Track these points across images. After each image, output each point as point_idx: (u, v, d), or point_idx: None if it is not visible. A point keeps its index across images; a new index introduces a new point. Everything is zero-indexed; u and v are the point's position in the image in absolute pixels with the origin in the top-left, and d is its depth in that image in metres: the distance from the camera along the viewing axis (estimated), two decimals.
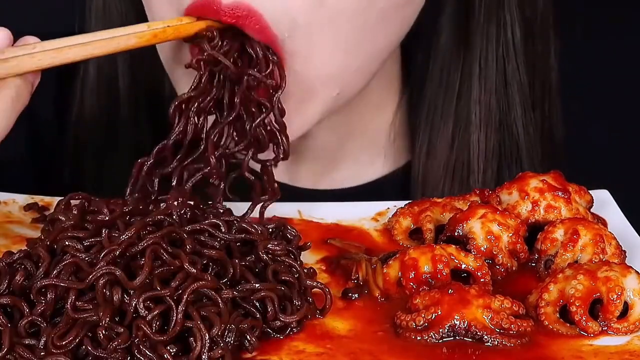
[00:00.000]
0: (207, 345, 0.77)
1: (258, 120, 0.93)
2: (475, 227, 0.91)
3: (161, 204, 0.90)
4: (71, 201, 0.92)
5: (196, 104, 0.91)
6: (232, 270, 0.83)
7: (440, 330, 0.81)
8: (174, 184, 0.92)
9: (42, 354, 0.77)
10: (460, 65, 1.11)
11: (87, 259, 0.81)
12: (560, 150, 1.16)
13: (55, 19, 1.15)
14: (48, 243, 0.84)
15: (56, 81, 1.16)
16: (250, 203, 0.95)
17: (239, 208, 0.95)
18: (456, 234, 0.92)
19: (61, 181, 1.16)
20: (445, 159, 1.13)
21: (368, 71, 1.01)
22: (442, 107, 1.12)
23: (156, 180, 0.92)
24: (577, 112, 1.18)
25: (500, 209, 0.94)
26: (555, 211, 0.94)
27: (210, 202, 0.93)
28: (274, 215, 0.97)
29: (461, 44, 1.10)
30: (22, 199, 0.99)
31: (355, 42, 0.96)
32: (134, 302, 0.78)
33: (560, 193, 0.95)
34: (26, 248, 0.85)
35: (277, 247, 0.86)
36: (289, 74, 0.94)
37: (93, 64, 1.13)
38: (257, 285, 0.82)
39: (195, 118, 0.92)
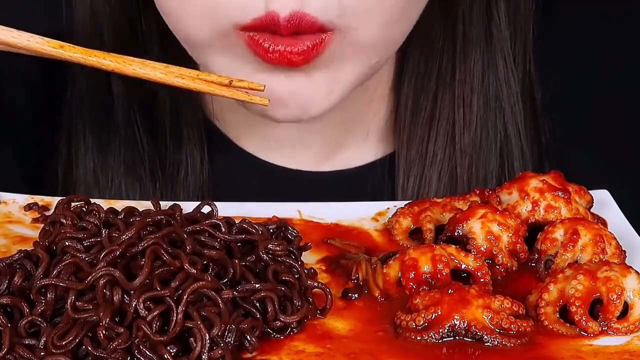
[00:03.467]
0: (207, 345, 0.77)
1: None
2: (475, 227, 0.91)
3: None
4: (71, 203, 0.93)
5: None
6: (232, 271, 0.83)
7: (440, 330, 0.81)
8: None
9: (42, 354, 0.77)
10: (443, 25, 1.12)
11: (87, 259, 0.81)
12: (540, 114, 1.17)
13: (43, 21, 1.14)
14: (47, 244, 0.84)
15: (46, 85, 1.16)
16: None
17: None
18: (456, 234, 0.92)
19: (55, 182, 1.16)
20: (429, 113, 1.14)
21: (400, 41, 1.03)
22: (425, 66, 1.14)
23: None
24: (577, 112, 1.18)
25: (500, 209, 0.94)
26: (555, 211, 0.94)
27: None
28: (274, 216, 0.97)
29: (444, 2, 1.11)
30: (22, 199, 0.99)
31: (399, 16, 0.97)
32: (134, 303, 0.78)
33: (560, 193, 0.95)
34: (26, 248, 0.85)
35: (278, 248, 0.86)
36: (334, 43, 0.94)
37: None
38: (257, 285, 0.82)
39: None
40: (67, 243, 0.84)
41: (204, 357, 0.77)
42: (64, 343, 0.76)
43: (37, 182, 1.16)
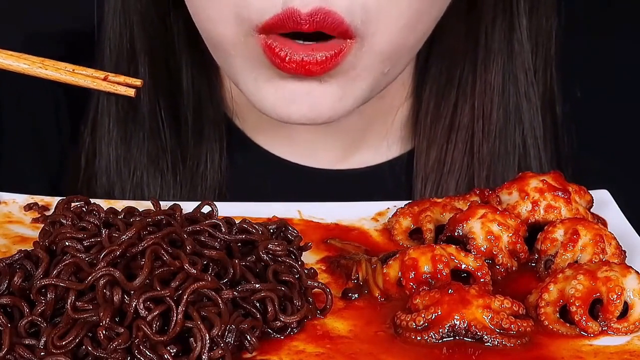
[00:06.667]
0: (207, 345, 0.77)
1: None
2: (475, 227, 0.91)
3: None
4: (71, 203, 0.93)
5: None
6: (232, 271, 0.83)
7: (440, 330, 0.81)
8: None
9: (42, 354, 0.77)
10: (465, 36, 1.13)
11: (87, 259, 0.81)
12: (560, 128, 1.17)
13: (74, 16, 1.15)
14: (47, 244, 0.85)
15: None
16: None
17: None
18: (456, 234, 0.92)
19: (77, 172, 1.16)
20: (449, 121, 1.15)
21: (415, 50, 1.03)
22: (446, 75, 1.15)
23: None
24: (577, 112, 1.18)
25: (500, 209, 0.94)
26: (555, 211, 0.94)
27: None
28: (274, 216, 0.97)
29: (468, 15, 1.12)
30: (22, 199, 0.99)
31: (414, 22, 0.98)
32: (134, 303, 0.78)
33: (560, 193, 0.95)
34: (26, 248, 0.85)
35: (278, 248, 0.86)
36: (352, 54, 0.95)
37: (109, 59, 1.14)
38: (257, 285, 0.82)
39: None
40: (67, 243, 0.84)
41: (204, 357, 0.77)
42: (64, 343, 0.76)
43: (58, 170, 1.17)
